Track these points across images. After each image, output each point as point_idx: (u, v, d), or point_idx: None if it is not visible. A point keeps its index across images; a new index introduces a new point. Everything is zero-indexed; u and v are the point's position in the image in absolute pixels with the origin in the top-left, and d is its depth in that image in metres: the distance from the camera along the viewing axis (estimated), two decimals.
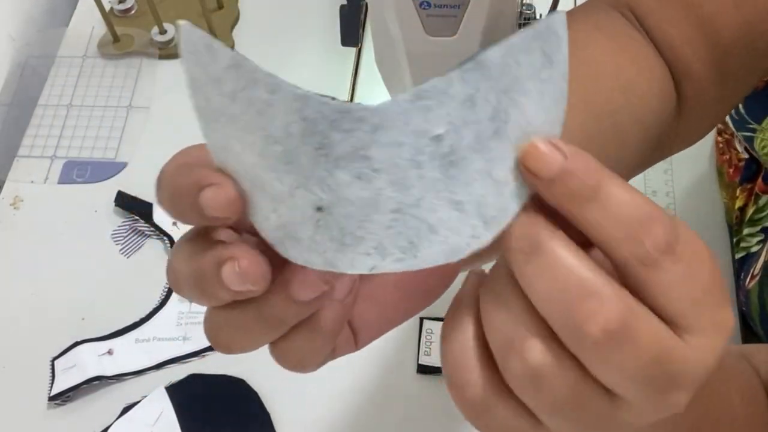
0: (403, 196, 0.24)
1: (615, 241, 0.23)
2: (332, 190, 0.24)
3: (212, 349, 0.64)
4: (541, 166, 0.24)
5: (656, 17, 0.44)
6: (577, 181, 0.23)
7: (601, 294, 0.23)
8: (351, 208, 0.24)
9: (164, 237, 0.70)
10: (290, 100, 0.23)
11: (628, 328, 0.23)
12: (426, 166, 0.24)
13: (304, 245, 0.24)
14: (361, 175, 0.23)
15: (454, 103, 0.23)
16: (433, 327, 0.64)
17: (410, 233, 0.24)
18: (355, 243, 0.24)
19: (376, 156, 0.23)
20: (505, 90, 0.24)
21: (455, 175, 0.24)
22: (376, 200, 0.24)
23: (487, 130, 0.24)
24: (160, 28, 0.83)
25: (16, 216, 0.74)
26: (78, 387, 0.62)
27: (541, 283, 0.23)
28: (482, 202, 0.24)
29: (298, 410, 0.62)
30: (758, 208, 0.63)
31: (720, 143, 0.71)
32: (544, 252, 0.23)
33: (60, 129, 0.79)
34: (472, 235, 0.25)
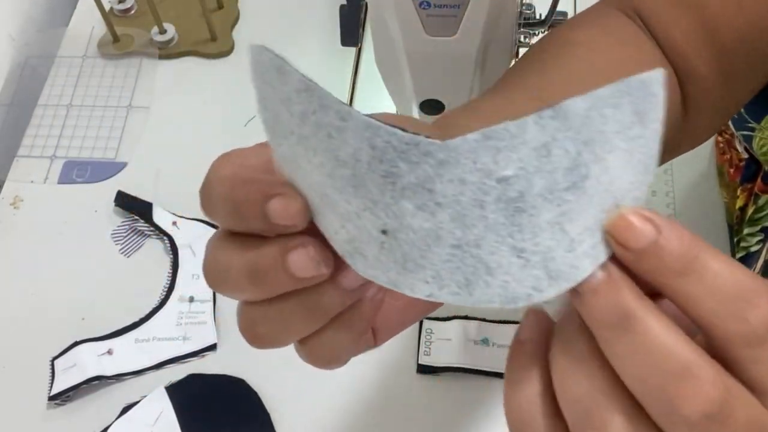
0: (463, 234, 0.24)
1: (716, 318, 0.22)
2: (397, 217, 0.24)
3: (212, 348, 0.64)
4: (630, 236, 0.23)
5: (660, 18, 0.44)
6: (672, 255, 0.22)
7: (700, 375, 0.21)
8: (413, 236, 0.24)
9: (164, 237, 0.70)
10: (361, 128, 0.23)
11: (727, 412, 0.21)
12: (489, 208, 0.23)
13: (370, 262, 0.25)
14: (424, 207, 0.24)
15: (526, 148, 0.23)
16: (433, 327, 0.64)
17: (467, 270, 0.24)
18: (416, 269, 0.24)
19: (439, 190, 0.23)
20: (587, 143, 0.23)
21: (521, 222, 0.23)
22: (437, 233, 0.24)
23: (562, 181, 0.23)
24: (160, 28, 0.83)
25: (16, 216, 0.74)
26: (78, 387, 0.62)
27: (634, 362, 0.22)
28: (549, 255, 0.23)
29: (298, 410, 0.62)
30: (758, 208, 0.63)
31: (720, 143, 0.71)
32: (636, 328, 0.22)
33: (60, 129, 0.79)
34: (534, 286, 0.24)
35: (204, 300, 0.67)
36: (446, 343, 0.63)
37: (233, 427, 0.61)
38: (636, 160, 0.23)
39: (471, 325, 0.64)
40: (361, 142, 0.24)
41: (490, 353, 0.62)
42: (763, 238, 0.62)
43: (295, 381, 0.63)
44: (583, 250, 0.23)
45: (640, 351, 0.22)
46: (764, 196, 0.62)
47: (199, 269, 0.75)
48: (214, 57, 0.83)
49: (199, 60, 0.84)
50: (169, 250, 0.69)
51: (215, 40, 0.83)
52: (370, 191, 0.24)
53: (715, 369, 0.21)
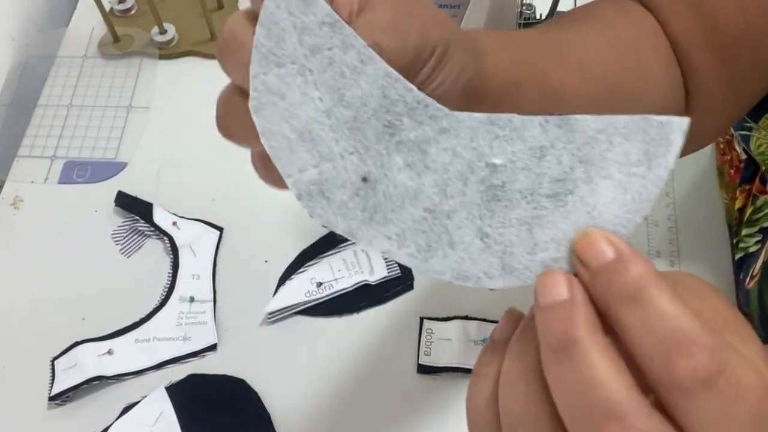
0: (440, 201, 0.25)
1: (650, 358, 0.21)
2: (383, 168, 0.25)
3: (212, 348, 0.64)
4: (589, 254, 0.23)
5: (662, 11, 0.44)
6: (623, 281, 0.22)
7: (628, 415, 0.21)
8: (393, 190, 0.25)
9: (164, 237, 0.70)
10: (379, 75, 0.25)
11: None
12: (471, 186, 0.25)
13: (333, 206, 0.25)
14: (413, 165, 0.25)
15: (523, 144, 0.24)
16: (433, 327, 0.64)
17: (432, 237, 0.25)
18: (383, 222, 0.25)
19: (432, 154, 0.25)
20: (583, 162, 0.24)
21: (494, 209, 0.24)
22: (417, 193, 0.25)
23: (546, 187, 0.24)
24: (160, 28, 0.83)
25: (16, 216, 0.74)
26: (78, 387, 0.62)
27: (567, 391, 0.22)
28: (509, 249, 0.24)
29: (298, 410, 0.62)
30: (756, 209, 0.63)
31: (721, 144, 0.71)
32: (576, 357, 0.22)
33: (60, 129, 0.79)
34: (485, 272, 0.25)
35: (204, 300, 0.67)
36: (446, 343, 0.63)
37: (233, 427, 0.61)
38: (629, 197, 0.24)
39: (471, 325, 0.64)
40: (374, 89, 0.25)
41: None
42: (761, 239, 0.62)
43: (295, 381, 0.63)
44: (542, 259, 0.24)
45: (574, 381, 0.22)
46: (762, 197, 0.62)
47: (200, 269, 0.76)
48: (214, 57, 0.83)
49: (199, 60, 0.84)
50: (169, 250, 0.69)
51: (215, 40, 0.83)
52: (366, 137, 0.25)
53: (645, 412, 0.21)
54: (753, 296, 0.57)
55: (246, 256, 0.70)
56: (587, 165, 0.24)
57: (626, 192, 0.24)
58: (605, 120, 0.23)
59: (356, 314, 0.66)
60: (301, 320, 0.66)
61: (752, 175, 0.65)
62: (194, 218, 0.71)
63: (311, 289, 0.65)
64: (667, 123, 0.23)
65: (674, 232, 0.69)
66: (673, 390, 0.21)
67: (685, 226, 0.70)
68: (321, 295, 0.65)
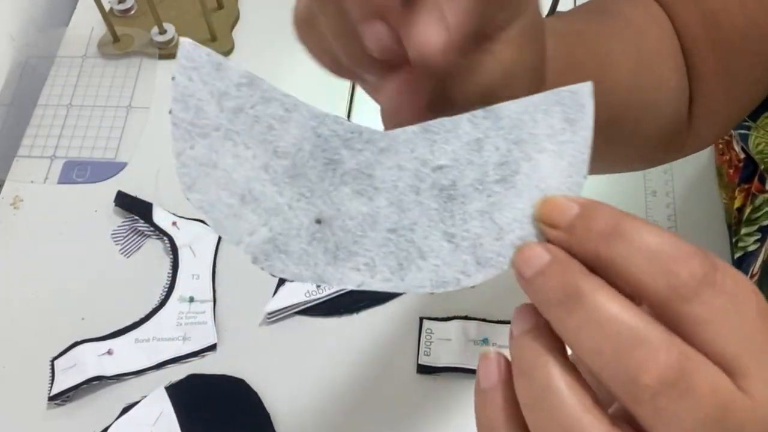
0: (399, 218, 0.25)
1: (649, 276, 0.22)
2: (334, 203, 0.25)
3: (212, 348, 0.64)
4: (556, 214, 0.24)
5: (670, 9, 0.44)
6: (599, 222, 0.23)
7: (652, 340, 0.21)
8: (349, 222, 0.25)
9: (164, 237, 0.70)
10: (307, 118, 0.25)
11: (686, 378, 0.21)
12: (425, 194, 0.25)
13: (293, 258, 0.25)
14: (363, 191, 0.25)
15: (459, 142, 0.25)
16: (433, 327, 0.64)
17: (401, 255, 0.25)
18: (348, 257, 0.25)
19: (378, 176, 0.25)
20: (517, 142, 0.25)
21: (452, 209, 0.25)
22: (374, 217, 0.25)
23: (492, 174, 0.25)
24: (160, 28, 0.83)
25: (16, 216, 0.74)
26: (78, 387, 0.62)
27: (588, 335, 0.22)
28: (478, 241, 0.25)
29: (298, 410, 0.62)
30: (755, 208, 0.63)
31: (719, 144, 0.71)
32: (585, 301, 0.22)
33: (60, 129, 0.79)
34: (462, 271, 0.25)
35: (204, 300, 0.67)
36: (446, 343, 0.63)
37: (233, 427, 0.61)
38: (566, 162, 0.25)
39: (471, 325, 0.64)
40: (306, 132, 0.25)
41: None
42: (760, 238, 0.62)
43: (295, 381, 0.63)
44: (511, 240, 0.25)
45: (592, 323, 0.22)
46: (761, 196, 0.62)
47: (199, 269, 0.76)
48: None
49: None
50: (169, 250, 0.69)
51: (215, 40, 0.83)
52: (309, 180, 0.25)
53: (667, 334, 0.22)
54: None
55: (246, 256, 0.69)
56: (521, 144, 0.25)
57: (562, 158, 0.25)
58: (523, 102, 0.25)
59: (356, 314, 0.66)
60: (301, 320, 0.66)
61: (751, 174, 0.65)
62: (194, 218, 0.71)
63: (311, 289, 0.65)
64: (576, 90, 0.25)
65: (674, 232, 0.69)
66: (677, 300, 0.22)
67: (684, 225, 0.70)
68: (321, 295, 0.65)
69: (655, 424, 0.22)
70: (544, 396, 0.23)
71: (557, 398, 0.22)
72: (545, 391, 0.23)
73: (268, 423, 0.61)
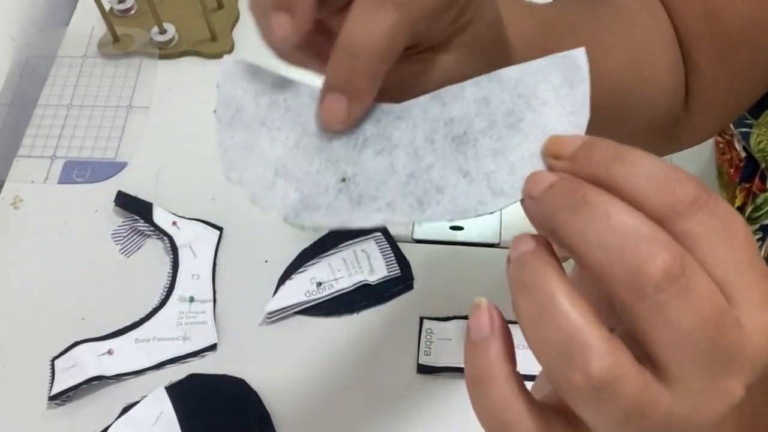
0: (416, 164, 0.28)
1: (647, 193, 0.23)
2: (357, 164, 0.29)
3: (212, 348, 0.64)
4: (560, 146, 0.25)
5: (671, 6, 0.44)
6: (602, 150, 0.24)
7: (658, 238, 0.22)
8: (371, 175, 0.29)
9: (164, 237, 0.70)
10: None
11: (687, 274, 0.22)
12: (438, 143, 0.28)
13: (321, 211, 0.29)
14: (383, 150, 0.29)
15: (467, 100, 0.28)
16: (433, 327, 0.64)
17: (419, 192, 0.28)
18: (370, 201, 0.28)
19: (396, 136, 0.29)
20: (521, 96, 0.28)
21: (465, 151, 0.28)
22: (393, 167, 0.28)
23: (501, 121, 0.28)
24: (160, 28, 0.83)
25: (16, 216, 0.74)
26: (78, 387, 0.62)
27: (594, 232, 0.23)
28: (492, 176, 0.27)
29: (298, 410, 0.62)
30: (756, 207, 0.63)
31: (720, 143, 0.71)
32: (593, 202, 0.23)
33: (60, 129, 0.79)
34: (479, 201, 0.27)
35: (204, 300, 0.67)
36: (446, 343, 0.63)
37: (233, 427, 0.61)
38: (568, 110, 0.28)
39: None
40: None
41: None
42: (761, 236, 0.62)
43: (295, 381, 0.63)
44: (523, 175, 0.27)
45: (598, 220, 0.23)
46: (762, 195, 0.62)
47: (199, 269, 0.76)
48: (214, 57, 0.83)
49: (199, 60, 0.84)
50: (169, 250, 0.69)
51: (215, 40, 0.83)
52: (334, 150, 0.29)
53: (667, 237, 0.22)
54: None
55: (246, 256, 0.70)
56: (525, 98, 0.28)
57: (564, 108, 0.27)
58: (523, 67, 0.28)
59: (356, 314, 0.66)
60: (301, 320, 0.66)
61: (752, 173, 0.65)
62: (194, 218, 0.71)
63: (311, 289, 0.65)
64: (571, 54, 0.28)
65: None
66: (673, 216, 0.23)
67: None
68: (321, 295, 0.65)
69: (653, 324, 0.22)
70: (547, 307, 0.23)
71: (560, 309, 0.23)
72: (549, 302, 0.23)
73: (268, 423, 0.61)
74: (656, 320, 0.22)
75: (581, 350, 0.22)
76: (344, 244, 0.68)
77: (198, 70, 0.83)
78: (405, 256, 0.68)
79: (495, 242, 0.69)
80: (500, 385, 0.24)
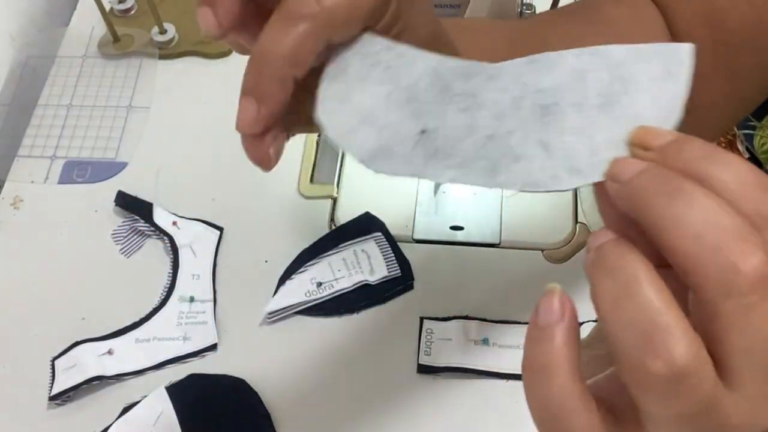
0: (499, 126, 0.28)
1: (739, 195, 0.22)
2: (440, 118, 0.29)
3: (212, 348, 0.64)
4: (650, 137, 0.24)
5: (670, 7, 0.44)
6: (695, 146, 0.23)
7: (754, 240, 0.22)
8: (451, 131, 0.28)
9: (164, 237, 0.70)
10: (431, 60, 0.30)
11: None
12: (525, 109, 0.28)
13: (395, 160, 0.29)
14: (468, 108, 0.28)
15: (563, 71, 0.28)
16: (433, 327, 0.64)
17: (495, 157, 0.28)
18: (445, 158, 0.28)
19: (483, 96, 0.29)
20: (619, 78, 0.27)
21: (549, 122, 0.27)
22: (473, 127, 0.28)
23: (592, 100, 0.27)
24: (160, 28, 0.83)
25: (16, 216, 0.74)
26: (78, 387, 0.62)
27: (690, 221, 0.22)
28: (572, 153, 0.27)
29: (298, 410, 0.62)
30: None
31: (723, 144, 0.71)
32: (691, 192, 0.22)
33: (60, 129, 0.79)
34: (553, 175, 0.27)
35: (204, 300, 0.67)
36: (446, 343, 0.63)
37: (233, 427, 0.61)
38: (663, 103, 0.27)
39: (471, 325, 0.64)
40: (426, 70, 0.30)
41: (490, 353, 0.62)
42: None
43: (295, 381, 0.63)
44: (605, 158, 0.26)
45: (695, 209, 0.22)
46: None
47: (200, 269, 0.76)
48: (214, 57, 0.83)
49: (199, 60, 0.84)
50: (169, 250, 0.69)
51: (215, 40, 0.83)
52: (421, 103, 0.29)
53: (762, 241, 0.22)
54: None
55: (246, 256, 0.70)
56: (623, 81, 0.27)
57: (659, 100, 0.27)
58: (630, 47, 0.27)
59: (356, 314, 0.66)
60: (301, 320, 0.66)
61: None
62: (194, 218, 0.71)
63: (311, 289, 0.65)
64: (679, 48, 0.27)
65: None
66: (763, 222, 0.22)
67: None
68: (321, 295, 0.65)
69: (735, 325, 0.22)
70: (633, 289, 0.22)
71: (645, 291, 0.22)
72: (634, 283, 0.22)
73: (268, 423, 0.61)
74: (739, 321, 0.22)
75: (665, 336, 0.21)
76: (344, 244, 0.68)
77: (198, 70, 0.83)
78: (405, 256, 0.68)
79: (495, 242, 0.69)
80: (563, 374, 0.24)
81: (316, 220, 0.71)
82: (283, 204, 0.72)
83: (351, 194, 0.72)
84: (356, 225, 0.69)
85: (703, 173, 0.23)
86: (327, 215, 0.71)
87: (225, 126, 0.80)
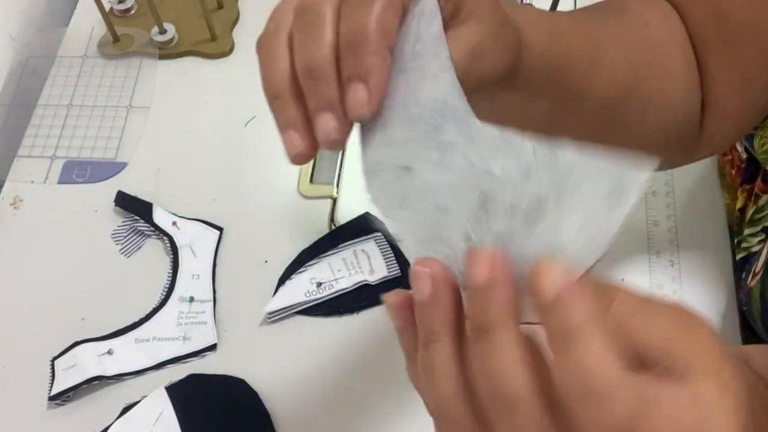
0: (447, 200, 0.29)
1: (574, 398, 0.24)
2: (422, 161, 0.29)
3: (212, 349, 0.64)
4: (541, 287, 0.24)
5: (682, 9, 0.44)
6: (561, 316, 0.24)
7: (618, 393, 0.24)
8: (420, 182, 0.29)
9: (164, 237, 0.70)
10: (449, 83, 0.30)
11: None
12: (471, 190, 0.28)
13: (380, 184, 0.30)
14: (442, 164, 0.29)
15: (515, 161, 0.27)
16: None
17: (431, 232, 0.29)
18: (407, 208, 0.29)
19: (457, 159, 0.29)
20: (559, 190, 0.26)
21: (481, 217, 0.28)
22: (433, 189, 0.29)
23: (524, 205, 0.27)
24: (160, 28, 0.83)
25: (16, 216, 0.74)
26: (78, 387, 0.62)
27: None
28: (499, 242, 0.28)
29: (298, 410, 0.62)
30: (758, 208, 0.63)
31: None
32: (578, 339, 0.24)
33: (60, 129, 0.79)
34: (461, 272, 0.27)
35: (204, 300, 0.67)
36: None
37: (233, 427, 0.61)
38: (589, 234, 0.26)
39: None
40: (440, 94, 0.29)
41: None
42: (764, 238, 0.62)
43: (294, 381, 0.63)
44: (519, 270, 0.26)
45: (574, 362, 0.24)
46: (765, 196, 0.62)
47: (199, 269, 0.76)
48: (214, 57, 0.83)
49: (199, 60, 0.84)
50: (169, 250, 0.69)
51: (215, 40, 0.83)
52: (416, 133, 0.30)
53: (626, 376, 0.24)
54: (755, 293, 0.57)
55: (246, 256, 0.70)
56: (562, 194, 0.26)
57: (589, 228, 0.26)
58: (584, 157, 0.26)
59: (356, 314, 0.66)
60: (301, 320, 0.66)
61: (753, 174, 0.65)
62: (194, 218, 0.71)
63: (311, 289, 0.65)
64: (630, 176, 0.26)
65: (674, 232, 0.68)
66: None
67: (684, 225, 0.69)
68: (321, 295, 0.65)
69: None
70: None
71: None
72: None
73: (268, 423, 0.61)
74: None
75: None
76: (344, 244, 0.68)
77: (198, 70, 0.83)
78: (405, 256, 0.68)
79: None
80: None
81: (316, 220, 0.71)
82: (283, 204, 0.72)
83: (351, 194, 0.72)
84: (356, 225, 0.69)
85: (554, 347, 0.24)
86: (327, 215, 0.71)
87: (225, 126, 0.81)
